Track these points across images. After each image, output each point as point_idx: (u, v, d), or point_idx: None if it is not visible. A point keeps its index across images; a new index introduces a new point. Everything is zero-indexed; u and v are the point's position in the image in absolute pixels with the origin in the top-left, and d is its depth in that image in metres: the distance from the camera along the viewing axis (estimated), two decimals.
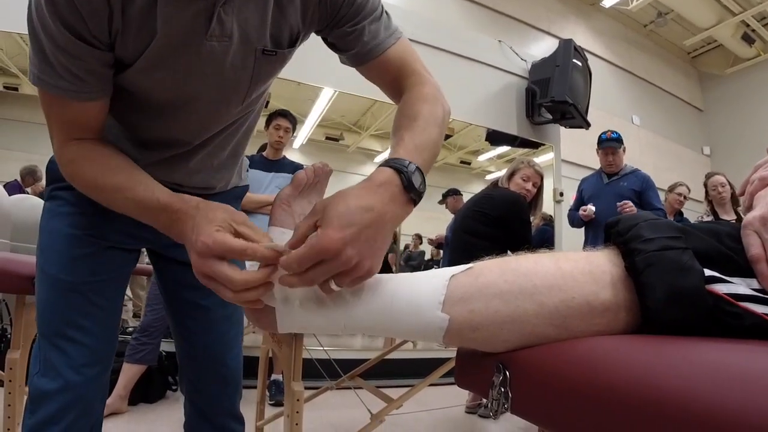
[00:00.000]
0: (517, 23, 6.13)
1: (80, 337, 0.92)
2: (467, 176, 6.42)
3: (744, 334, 0.48)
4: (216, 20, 0.78)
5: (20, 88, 3.89)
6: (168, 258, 1.11)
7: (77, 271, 0.94)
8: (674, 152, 7.56)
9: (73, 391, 0.90)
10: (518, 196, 2.94)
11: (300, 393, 1.26)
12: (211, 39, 0.79)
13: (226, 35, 0.80)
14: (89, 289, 0.95)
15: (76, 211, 0.97)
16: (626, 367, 0.45)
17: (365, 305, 0.65)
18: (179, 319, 1.13)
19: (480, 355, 0.64)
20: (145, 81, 0.83)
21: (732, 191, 3.86)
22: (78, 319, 0.93)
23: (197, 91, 0.87)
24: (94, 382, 0.94)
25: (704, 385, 0.38)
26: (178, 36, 0.78)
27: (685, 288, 0.50)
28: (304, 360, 1.38)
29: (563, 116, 4.89)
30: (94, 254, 0.96)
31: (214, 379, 1.13)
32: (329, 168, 0.81)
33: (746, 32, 7.33)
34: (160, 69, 0.81)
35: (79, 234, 0.96)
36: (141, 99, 0.87)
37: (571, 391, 0.49)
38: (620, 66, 7.33)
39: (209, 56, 0.81)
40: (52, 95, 0.78)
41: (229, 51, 0.82)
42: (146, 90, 0.85)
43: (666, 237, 0.54)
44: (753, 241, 0.51)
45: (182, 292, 1.11)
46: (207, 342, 1.12)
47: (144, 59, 0.79)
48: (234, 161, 1.12)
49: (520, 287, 0.56)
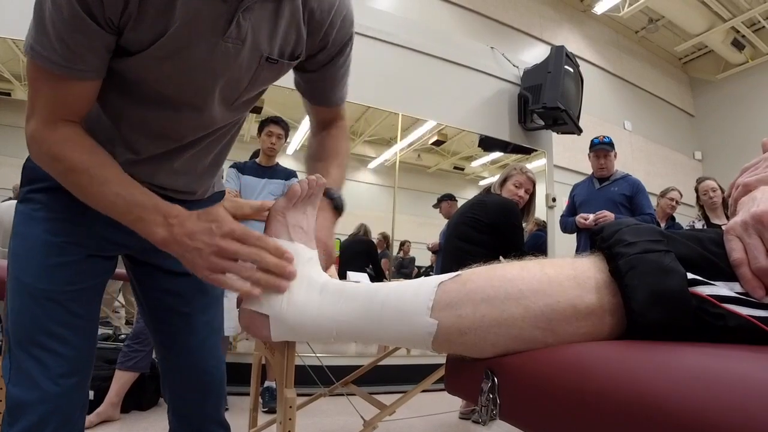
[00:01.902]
0: (509, 30, 6.17)
1: (58, 347, 0.90)
2: (461, 182, 6.44)
3: (728, 336, 0.49)
4: (235, 23, 0.83)
5: (13, 93, 3.88)
6: (148, 264, 1.09)
7: (55, 279, 0.91)
8: (666, 157, 7.61)
9: (52, 402, 0.87)
10: (511, 203, 2.95)
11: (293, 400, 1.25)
12: (227, 40, 0.84)
13: (240, 39, 0.85)
14: (67, 298, 0.92)
15: (54, 216, 0.94)
16: (613, 373, 0.45)
17: (356, 313, 0.65)
18: (160, 327, 1.12)
19: (469, 362, 0.64)
20: (153, 69, 0.85)
21: (723, 196, 3.88)
22: (56, 329, 0.90)
23: (200, 87, 0.90)
24: (72, 393, 0.91)
25: (690, 390, 0.39)
26: (197, 31, 0.81)
27: (667, 289, 0.50)
28: (297, 367, 1.38)
29: (555, 122, 4.92)
30: (72, 263, 0.93)
31: (197, 387, 1.12)
32: (323, 180, 0.82)
33: (736, 38, 7.39)
34: (172, 59, 0.83)
35: (57, 241, 0.93)
36: (143, 89, 0.88)
37: (558, 397, 0.49)
38: (612, 72, 7.38)
39: (221, 55, 0.85)
40: (43, 68, 0.77)
41: (240, 54, 0.87)
42: (151, 80, 0.87)
43: (648, 240, 0.54)
44: (735, 245, 0.52)
45: (163, 299, 1.10)
46: (188, 349, 1.10)
47: (158, 47, 0.80)
48: (215, 170, 1.14)
49: (507, 292, 0.57)
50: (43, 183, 0.94)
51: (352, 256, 4.24)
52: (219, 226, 0.75)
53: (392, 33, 4.49)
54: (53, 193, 0.93)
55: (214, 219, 0.76)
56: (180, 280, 1.08)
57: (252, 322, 0.73)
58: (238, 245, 0.74)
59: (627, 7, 6.88)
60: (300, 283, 0.72)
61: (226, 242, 0.74)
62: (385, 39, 4.45)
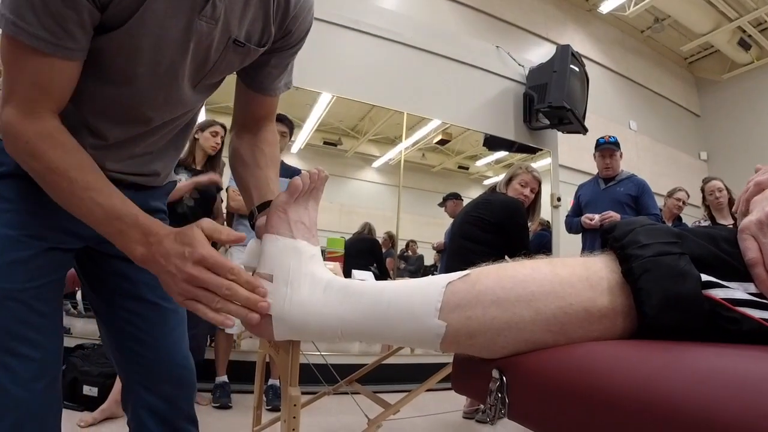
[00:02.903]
0: (514, 29, 6.15)
1: (26, 351, 0.83)
2: (465, 181, 6.43)
3: (742, 339, 0.48)
4: (211, 2, 0.81)
5: None
6: (105, 254, 1.03)
7: (15, 277, 0.84)
8: (671, 157, 7.58)
9: (23, 408, 0.82)
10: (516, 202, 2.94)
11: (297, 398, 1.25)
12: (202, 18, 0.83)
13: (214, 18, 0.84)
14: (30, 297, 0.85)
15: (11, 207, 0.87)
16: (623, 373, 0.45)
17: (361, 312, 0.65)
18: (126, 318, 1.04)
19: (477, 361, 0.64)
20: (126, 46, 0.81)
21: (729, 196, 3.87)
22: (21, 330, 0.83)
23: (171, 65, 0.87)
24: (43, 396, 0.86)
25: (700, 391, 0.39)
26: (173, 7, 0.79)
27: (681, 293, 0.50)
28: (302, 365, 1.37)
29: (561, 121, 4.90)
30: (31, 257, 0.86)
31: (169, 380, 1.06)
32: (325, 174, 0.80)
33: (742, 38, 7.36)
34: (147, 35, 0.80)
35: (14, 235, 0.85)
36: (113, 67, 0.84)
37: (568, 397, 0.49)
38: (617, 71, 7.35)
39: (195, 33, 0.84)
40: (26, 47, 0.71)
41: (212, 33, 0.86)
42: (123, 57, 0.83)
43: (662, 242, 0.54)
44: (750, 245, 0.51)
45: (124, 287, 1.04)
46: (157, 339, 1.06)
47: (137, 21, 0.77)
48: (176, 155, 1.12)
49: (517, 294, 0.56)
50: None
51: (356, 254, 4.24)
52: (191, 252, 0.71)
53: (397, 32, 4.48)
54: (7, 181, 0.87)
55: (188, 242, 0.72)
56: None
57: None
58: (209, 275, 0.71)
59: (632, 6, 6.86)
60: (303, 281, 0.71)
61: (197, 270, 0.71)
62: (391, 38, 4.45)
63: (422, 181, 5.90)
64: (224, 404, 2.94)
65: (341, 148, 5.66)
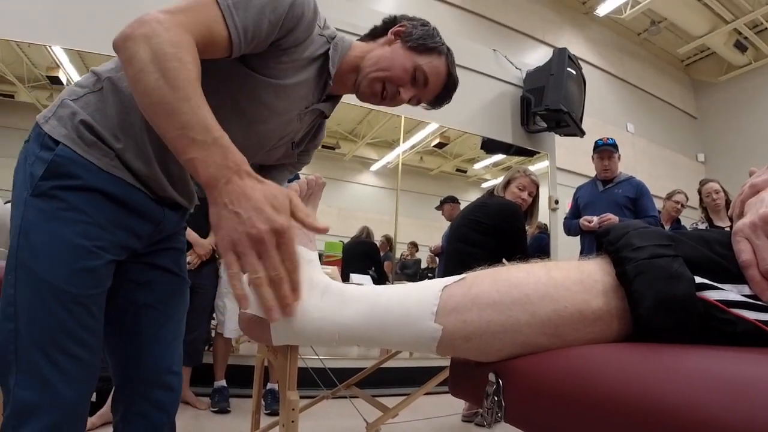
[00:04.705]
0: (511, 32, 6.15)
1: (79, 352, 0.88)
2: (463, 184, 6.43)
3: (736, 341, 0.48)
4: (310, 109, 1.12)
5: (16, 96, 3.88)
6: (129, 263, 1.05)
7: (83, 283, 0.90)
8: (669, 159, 7.59)
9: (67, 407, 0.87)
10: (514, 205, 2.94)
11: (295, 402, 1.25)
12: (297, 116, 1.10)
13: (302, 122, 1.13)
14: (91, 302, 0.91)
15: (84, 219, 0.91)
16: (619, 376, 0.45)
17: (359, 317, 0.65)
18: (125, 320, 1.07)
19: (473, 365, 0.64)
20: (256, 94, 1.00)
21: (726, 198, 3.87)
22: (81, 333, 0.89)
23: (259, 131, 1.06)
24: (86, 398, 0.91)
25: (695, 393, 0.39)
26: (304, 98, 1.08)
27: (675, 295, 0.50)
28: (300, 369, 1.37)
29: (558, 124, 4.91)
30: (98, 267, 0.92)
31: (162, 386, 1.09)
32: (323, 180, 0.82)
33: (739, 40, 7.37)
34: (285, 100, 1.04)
35: (87, 245, 0.91)
36: (241, 102, 1.01)
37: (564, 400, 0.49)
38: (614, 74, 7.36)
39: (294, 125, 1.11)
40: (218, 11, 0.86)
41: (295, 132, 1.14)
42: (250, 100, 1.01)
43: (656, 245, 0.54)
44: (744, 247, 0.52)
45: (134, 294, 1.07)
46: (154, 343, 1.08)
47: (270, 81, 0.99)
48: None
49: (513, 297, 0.56)
50: (75, 181, 0.91)
51: (354, 258, 4.23)
52: (275, 218, 0.67)
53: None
54: (85, 194, 0.92)
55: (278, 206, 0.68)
56: (156, 273, 1.09)
57: (252, 326, 0.72)
58: (274, 251, 0.67)
59: (629, 9, 6.87)
60: (301, 286, 0.71)
61: (269, 236, 0.66)
62: None
63: (420, 184, 5.89)
64: (223, 409, 2.93)
65: (339, 152, 5.65)
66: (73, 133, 0.93)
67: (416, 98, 1.18)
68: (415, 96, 1.17)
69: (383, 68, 1.10)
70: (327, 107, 1.18)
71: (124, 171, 0.96)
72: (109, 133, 0.95)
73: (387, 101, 1.14)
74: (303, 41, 1.00)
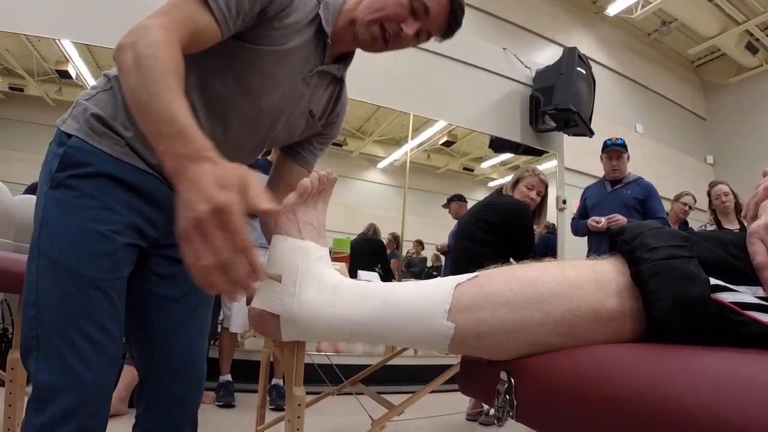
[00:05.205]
0: (521, 31, 6.14)
1: (98, 335, 0.90)
2: (470, 183, 6.42)
3: (751, 343, 0.48)
4: (315, 72, 1.11)
5: (26, 89, 3.91)
6: (152, 254, 1.07)
7: (99, 267, 0.92)
8: (677, 161, 7.55)
9: (87, 389, 0.88)
10: (522, 204, 2.94)
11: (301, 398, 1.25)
12: (304, 80, 1.10)
13: (308, 85, 1.12)
14: (109, 287, 0.93)
15: (98, 205, 0.94)
16: (632, 376, 0.45)
17: (370, 314, 0.65)
18: (154, 314, 1.07)
19: (485, 363, 0.64)
20: (257, 66, 1.03)
21: (735, 200, 3.85)
22: (99, 316, 0.91)
23: (269, 102, 1.08)
24: (106, 382, 0.92)
25: (710, 394, 0.39)
26: (303, 60, 1.08)
27: (690, 297, 0.50)
28: (306, 365, 1.38)
29: (567, 124, 4.90)
30: (114, 251, 0.94)
31: (187, 381, 1.11)
32: (334, 176, 0.80)
33: (750, 42, 7.32)
34: (285, 66, 1.05)
35: (102, 230, 0.93)
36: (244, 78, 1.03)
37: (577, 399, 0.49)
38: (624, 74, 7.33)
39: (298, 89, 1.10)
40: (198, 0, 0.89)
41: (303, 96, 1.13)
42: (264, 75, 1.04)
43: (671, 246, 0.54)
44: (759, 249, 0.51)
45: (156, 287, 1.08)
46: (182, 338, 1.10)
47: (266, 50, 1.02)
48: None
49: (526, 296, 0.56)
50: (85, 168, 0.95)
51: (360, 255, 4.24)
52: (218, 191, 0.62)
53: None
54: (95, 180, 0.95)
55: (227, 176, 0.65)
56: (179, 267, 1.06)
57: (262, 321, 0.71)
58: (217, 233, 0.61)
59: (640, 9, 6.84)
60: (311, 282, 0.70)
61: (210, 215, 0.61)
62: None
63: (427, 182, 5.89)
64: (228, 403, 2.95)
65: (346, 149, 5.66)
66: (85, 126, 0.98)
67: (424, 32, 1.13)
68: (421, 29, 1.11)
69: (377, 9, 1.07)
70: (336, 69, 1.17)
71: (135, 158, 0.99)
72: (119, 124, 0.98)
73: (392, 44, 1.11)
74: (288, 5, 1.02)
